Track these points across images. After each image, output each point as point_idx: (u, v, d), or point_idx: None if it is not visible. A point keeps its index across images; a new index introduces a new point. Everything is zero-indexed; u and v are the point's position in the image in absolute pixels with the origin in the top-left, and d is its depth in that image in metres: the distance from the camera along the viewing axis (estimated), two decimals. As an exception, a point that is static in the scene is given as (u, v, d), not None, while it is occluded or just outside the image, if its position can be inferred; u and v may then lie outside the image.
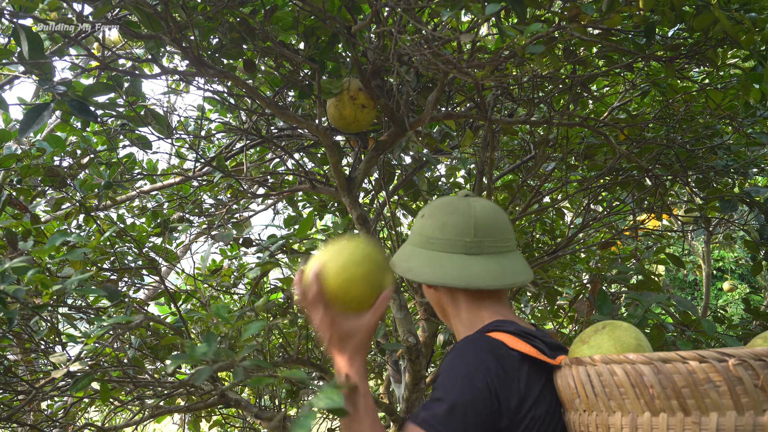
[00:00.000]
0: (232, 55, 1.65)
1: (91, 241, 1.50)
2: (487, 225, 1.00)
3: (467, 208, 1.01)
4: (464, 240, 0.98)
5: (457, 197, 1.05)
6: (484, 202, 1.05)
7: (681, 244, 5.25)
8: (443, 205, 1.03)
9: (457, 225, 0.99)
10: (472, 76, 1.15)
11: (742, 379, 0.70)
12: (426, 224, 1.02)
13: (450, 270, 0.97)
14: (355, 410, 0.86)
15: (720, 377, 0.71)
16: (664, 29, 1.67)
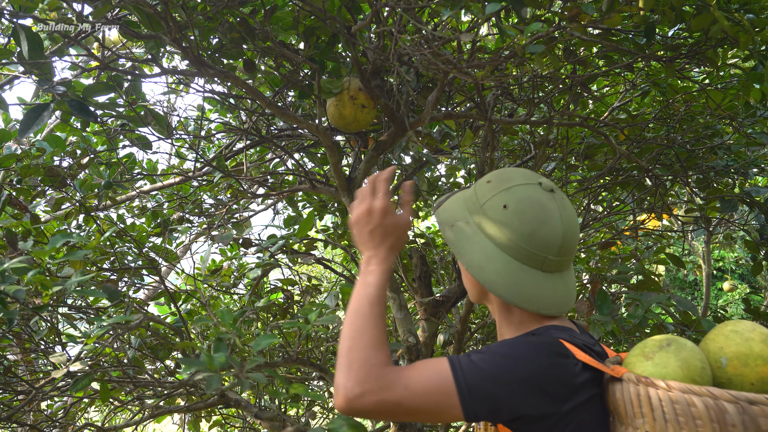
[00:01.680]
0: (232, 55, 1.65)
1: (91, 241, 1.50)
2: (570, 240, 0.92)
3: (558, 215, 0.90)
4: (547, 257, 0.90)
5: (545, 193, 0.92)
6: (568, 205, 0.94)
7: (681, 244, 5.25)
8: (535, 204, 0.90)
9: (547, 239, 0.89)
10: (472, 76, 1.15)
11: None
12: (513, 221, 0.89)
13: (525, 290, 0.90)
14: (370, 309, 0.89)
15: None
16: (664, 29, 1.67)
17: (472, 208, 0.94)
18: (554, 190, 0.93)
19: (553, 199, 0.91)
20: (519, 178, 0.93)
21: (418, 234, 3.03)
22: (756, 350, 0.79)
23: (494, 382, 0.81)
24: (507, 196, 0.91)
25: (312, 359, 1.95)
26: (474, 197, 0.95)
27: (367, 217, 0.95)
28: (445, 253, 2.77)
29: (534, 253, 0.89)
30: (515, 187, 0.92)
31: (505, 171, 0.97)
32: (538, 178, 0.94)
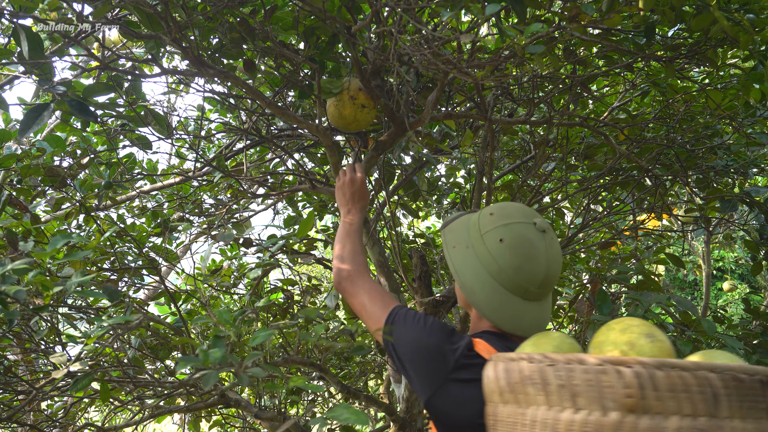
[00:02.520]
0: (232, 55, 1.65)
1: (91, 242, 1.50)
2: (551, 276, 1.07)
3: (545, 254, 1.06)
4: (529, 288, 1.06)
5: (539, 233, 1.07)
6: (555, 244, 1.10)
7: (681, 244, 5.25)
8: (526, 242, 1.05)
9: (531, 273, 1.05)
10: (472, 76, 1.15)
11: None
12: (505, 254, 1.05)
13: (505, 313, 1.06)
14: (351, 230, 1.35)
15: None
16: (664, 29, 1.67)
17: (474, 235, 1.11)
18: (546, 231, 1.08)
19: (543, 239, 1.07)
20: (518, 216, 1.09)
21: (418, 234, 3.03)
22: (611, 338, 0.86)
23: (405, 332, 1.09)
24: (504, 231, 1.07)
25: (312, 359, 1.95)
26: (477, 225, 1.11)
27: (350, 184, 1.43)
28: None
29: (519, 284, 1.05)
30: (513, 224, 1.07)
31: (507, 206, 1.13)
32: (534, 218, 1.09)
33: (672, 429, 0.72)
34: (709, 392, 0.73)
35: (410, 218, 3.30)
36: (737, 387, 0.73)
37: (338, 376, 2.72)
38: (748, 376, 0.74)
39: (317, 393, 2.91)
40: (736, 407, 0.73)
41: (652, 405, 0.73)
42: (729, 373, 0.73)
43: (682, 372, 0.73)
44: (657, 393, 0.73)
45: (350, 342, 2.62)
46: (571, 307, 2.58)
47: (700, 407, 0.73)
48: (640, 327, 0.86)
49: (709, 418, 0.73)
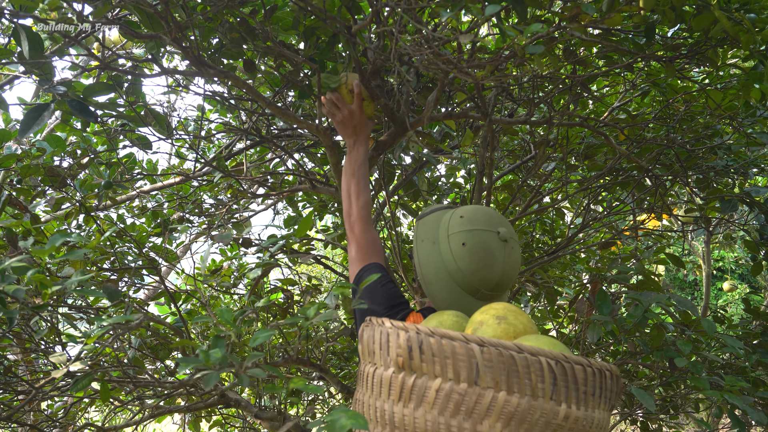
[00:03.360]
0: (232, 55, 1.64)
1: (91, 241, 1.50)
2: (505, 282, 1.17)
3: (502, 262, 1.15)
4: (482, 290, 1.15)
5: (500, 242, 1.16)
6: (515, 253, 1.19)
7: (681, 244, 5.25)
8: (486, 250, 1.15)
9: (486, 277, 1.15)
10: (472, 76, 1.15)
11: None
12: (465, 257, 1.14)
13: (455, 308, 1.15)
14: (357, 167, 1.42)
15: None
16: (664, 29, 1.67)
17: (442, 234, 1.19)
18: (508, 240, 1.17)
19: (503, 248, 1.16)
20: (484, 224, 1.17)
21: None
22: (474, 317, 0.98)
23: (362, 291, 1.24)
24: (468, 236, 1.16)
25: (312, 359, 1.95)
26: (447, 225, 1.20)
27: (350, 117, 1.48)
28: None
29: (473, 285, 1.15)
30: (477, 231, 1.16)
31: (477, 212, 1.21)
32: (500, 227, 1.18)
33: (434, 389, 0.81)
34: (473, 362, 0.80)
35: (410, 218, 3.30)
36: (503, 362, 0.80)
37: (338, 376, 2.72)
38: (519, 355, 0.80)
39: (317, 393, 2.91)
40: (501, 380, 0.80)
41: (418, 366, 0.83)
42: (497, 348, 0.80)
43: (450, 341, 0.82)
44: (423, 356, 0.83)
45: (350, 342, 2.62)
46: (571, 307, 2.58)
47: (462, 374, 0.81)
48: (498, 310, 0.97)
49: (470, 385, 0.80)
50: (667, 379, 1.86)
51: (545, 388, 0.79)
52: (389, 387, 0.86)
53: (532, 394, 0.79)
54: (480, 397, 0.79)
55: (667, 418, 2.36)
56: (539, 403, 0.79)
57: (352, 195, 1.41)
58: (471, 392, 0.80)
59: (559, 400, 0.80)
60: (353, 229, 1.37)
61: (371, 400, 0.88)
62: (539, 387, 0.79)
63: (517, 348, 0.80)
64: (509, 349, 0.80)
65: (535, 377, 0.79)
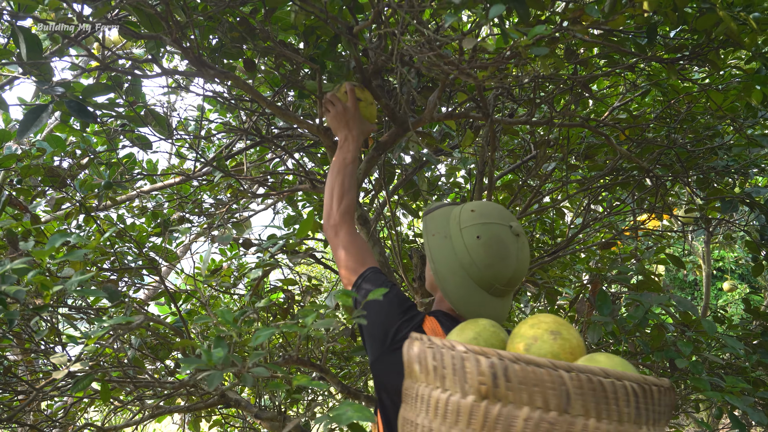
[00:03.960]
0: (232, 55, 1.64)
1: (91, 242, 1.49)
2: (517, 277, 1.15)
3: (515, 256, 1.14)
4: (495, 285, 1.14)
5: (513, 236, 1.14)
6: (526, 249, 1.17)
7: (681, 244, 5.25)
8: (500, 243, 1.12)
9: (500, 271, 1.13)
10: (473, 76, 1.15)
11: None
12: (479, 251, 1.12)
13: (470, 304, 1.14)
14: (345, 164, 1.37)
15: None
16: (665, 30, 1.67)
17: (454, 228, 1.17)
18: (519, 235, 1.16)
19: (516, 243, 1.15)
20: (496, 217, 1.16)
21: (418, 234, 3.03)
22: (521, 331, 0.93)
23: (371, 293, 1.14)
24: (482, 229, 1.14)
25: (312, 359, 1.95)
26: (458, 219, 1.17)
27: (344, 112, 1.44)
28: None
29: (487, 280, 1.13)
30: (491, 224, 1.14)
31: (488, 206, 1.19)
32: (511, 221, 1.16)
33: (522, 419, 0.78)
34: (563, 390, 0.77)
35: (410, 218, 3.30)
36: (593, 389, 0.77)
37: (338, 376, 2.72)
38: (606, 380, 0.78)
39: (317, 392, 2.91)
40: (591, 407, 0.77)
41: (504, 394, 0.79)
42: (586, 375, 0.78)
43: (536, 368, 0.78)
44: (509, 384, 0.79)
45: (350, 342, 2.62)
46: (572, 307, 2.57)
47: (552, 402, 0.77)
48: (549, 324, 0.92)
49: (560, 414, 0.77)
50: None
51: (630, 412, 0.78)
52: (469, 416, 0.81)
53: (619, 420, 0.78)
54: (571, 426, 0.77)
55: (667, 419, 2.35)
56: (624, 428, 0.78)
57: (334, 195, 1.34)
58: (562, 421, 0.77)
59: (640, 423, 0.79)
60: (337, 234, 1.31)
61: (443, 427, 0.84)
62: (625, 412, 0.78)
63: (603, 373, 0.78)
64: (597, 375, 0.78)
65: (622, 402, 0.78)
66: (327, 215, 1.35)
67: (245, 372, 0.78)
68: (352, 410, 0.73)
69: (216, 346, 0.83)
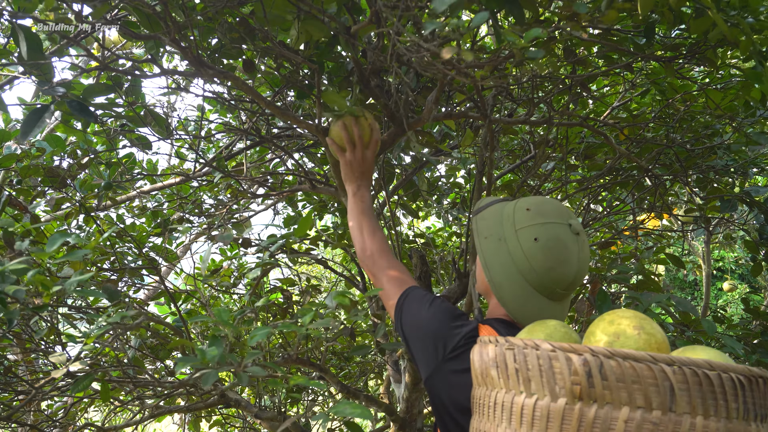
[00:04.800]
0: (232, 55, 1.64)
1: (91, 242, 1.50)
2: (579, 279, 1.06)
3: (576, 257, 1.05)
4: (556, 290, 1.05)
5: (573, 235, 1.05)
6: (586, 247, 1.08)
7: (681, 244, 5.25)
8: (560, 245, 1.04)
9: (562, 276, 1.04)
10: (471, 76, 1.15)
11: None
12: (538, 255, 1.04)
13: (528, 311, 1.06)
14: (364, 207, 1.36)
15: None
16: (663, 29, 1.67)
17: (508, 229, 1.08)
18: (580, 233, 1.06)
19: (577, 242, 1.05)
20: (554, 216, 1.06)
21: (418, 234, 3.04)
22: (600, 327, 0.86)
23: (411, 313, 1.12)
24: (540, 230, 1.04)
25: (312, 359, 1.95)
26: (512, 219, 1.08)
27: (362, 162, 1.40)
28: (445, 253, 2.77)
29: (547, 285, 1.04)
30: (549, 224, 1.05)
31: (544, 203, 1.09)
32: (570, 219, 1.07)
33: (622, 420, 0.71)
34: (666, 386, 0.71)
35: (410, 218, 3.30)
36: (698, 383, 0.71)
37: (338, 376, 2.72)
38: (712, 373, 0.71)
39: (317, 392, 2.91)
40: (698, 403, 0.71)
41: (600, 394, 0.72)
42: (690, 368, 0.71)
43: (635, 363, 0.72)
44: (605, 382, 0.72)
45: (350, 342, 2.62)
46: (572, 306, 2.58)
47: (655, 400, 0.71)
48: (630, 319, 0.85)
49: (664, 413, 0.70)
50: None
51: (738, 407, 0.72)
52: (561, 420, 0.74)
53: (728, 416, 0.71)
54: (677, 425, 0.70)
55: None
56: (734, 425, 0.71)
57: (365, 232, 1.32)
58: (666, 420, 0.70)
59: (749, 420, 0.73)
60: (376, 265, 1.27)
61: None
62: (733, 407, 0.71)
63: (708, 365, 0.71)
64: (702, 367, 0.71)
65: (730, 396, 0.71)
66: (362, 251, 1.31)
67: (241, 371, 0.78)
68: (350, 407, 0.74)
69: (211, 345, 0.84)
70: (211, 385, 0.73)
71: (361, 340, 3.04)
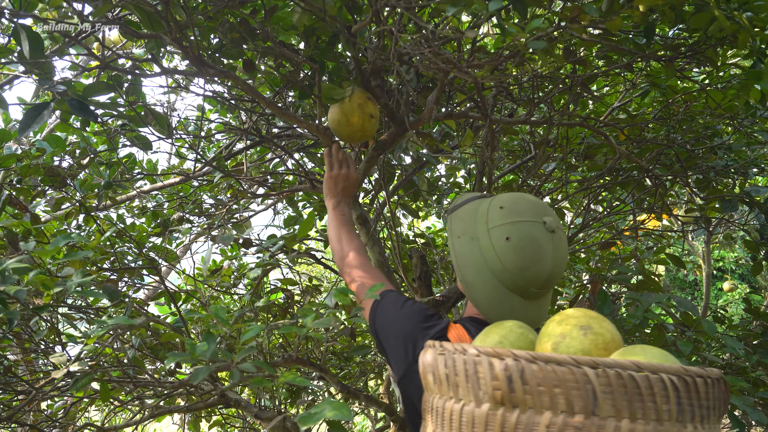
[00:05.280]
0: (232, 55, 1.64)
1: (91, 242, 1.50)
2: (554, 277, 1.04)
3: (551, 256, 1.02)
4: (530, 289, 1.03)
5: (548, 233, 1.03)
6: (563, 245, 1.05)
7: (681, 244, 5.25)
8: (534, 244, 1.01)
9: (535, 275, 1.02)
10: (472, 75, 1.15)
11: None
12: (510, 254, 1.02)
13: (502, 310, 1.05)
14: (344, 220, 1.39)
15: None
16: (664, 29, 1.67)
17: (481, 228, 1.06)
18: (555, 231, 1.04)
19: (551, 240, 1.03)
20: (528, 214, 1.04)
21: (418, 234, 3.03)
22: (549, 329, 0.85)
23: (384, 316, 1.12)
24: (512, 229, 1.02)
25: (312, 359, 1.95)
26: (485, 217, 1.06)
27: (345, 179, 1.47)
28: (445, 254, 2.77)
29: (520, 285, 1.02)
30: (522, 223, 1.03)
31: (519, 200, 1.07)
32: (545, 216, 1.04)
33: (544, 425, 0.70)
34: (589, 389, 0.69)
35: (410, 218, 3.30)
36: (623, 385, 0.69)
37: (338, 376, 2.72)
38: (639, 374, 0.69)
39: (317, 393, 2.91)
40: (623, 406, 0.69)
41: (521, 398, 0.72)
42: (615, 370, 0.69)
43: (557, 366, 0.71)
44: (526, 387, 0.71)
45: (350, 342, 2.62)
46: (571, 307, 2.57)
47: (577, 404, 0.70)
48: (578, 319, 0.84)
49: (587, 416, 0.69)
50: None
51: (671, 409, 0.69)
52: (485, 426, 0.73)
53: (658, 419, 0.69)
54: (600, 428, 0.69)
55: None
56: (665, 427, 0.69)
57: (343, 241, 1.35)
58: (589, 424, 0.69)
59: (684, 421, 0.70)
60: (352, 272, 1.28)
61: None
62: (664, 409, 0.69)
63: (635, 367, 0.70)
64: (627, 369, 0.69)
65: (660, 398, 0.69)
66: (340, 258, 1.34)
67: (234, 368, 0.78)
68: (330, 408, 0.73)
69: (205, 341, 0.83)
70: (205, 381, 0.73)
71: (361, 340, 3.04)
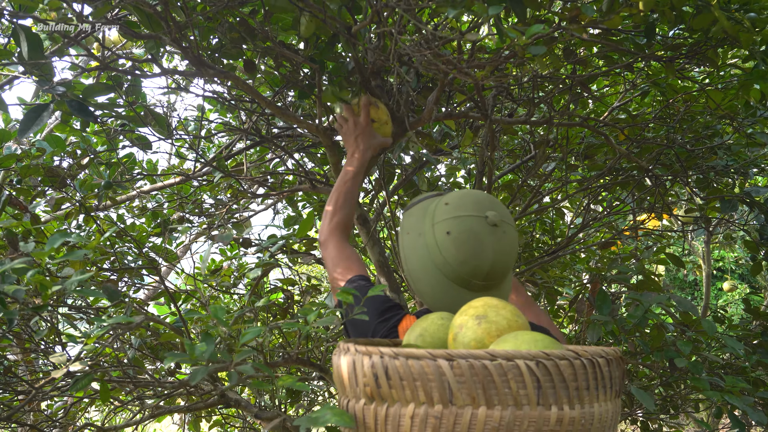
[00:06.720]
0: (232, 55, 1.64)
1: (91, 242, 1.50)
2: (498, 270, 1.07)
3: (491, 249, 1.05)
4: (474, 281, 1.07)
5: (489, 227, 1.06)
6: (507, 238, 1.08)
7: (681, 244, 5.25)
8: (473, 237, 1.05)
9: (475, 267, 1.06)
10: (472, 76, 1.15)
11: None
12: (450, 248, 1.06)
13: (447, 303, 1.08)
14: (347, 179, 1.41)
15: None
16: (664, 29, 1.67)
17: (427, 224, 1.11)
18: (498, 225, 1.07)
19: (493, 234, 1.06)
20: (471, 209, 1.08)
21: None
22: (454, 320, 0.90)
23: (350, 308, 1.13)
24: (453, 224, 1.07)
25: (312, 359, 1.95)
26: (432, 214, 1.11)
27: (353, 128, 1.49)
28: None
29: (462, 277, 1.06)
30: (463, 217, 1.07)
31: (464, 197, 1.12)
32: (488, 210, 1.08)
33: (408, 416, 0.75)
34: (444, 380, 0.73)
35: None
36: (475, 374, 0.73)
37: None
38: (492, 363, 0.72)
39: (318, 393, 2.91)
40: (478, 394, 0.73)
41: (387, 393, 0.77)
42: (467, 361, 0.73)
43: (415, 361, 0.75)
44: (390, 381, 0.76)
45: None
46: (571, 307, 2.58)
47: (435, 395, 0.74)
48: (477, 309, 0.88)
49: (445, 406, 0.74)
50: (667, 379, 1.86)
51: (529, 393, 0.72)
52: (363, 420, 0.79)
53: (516, 404, 0.72)
54: (458, 417, 0.73)
55: (667, 418, 2.36)
56: (525, 411, 0.72)
57: (328, 212, 1.38)
58: (447, 413, 0.73)
59: (547, 404, 0.73)
60: (326, 246, 1.33)
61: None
62: (521, 394, 0.72)
63: (489, 356, 0.73)
64: (481, 359, 0.73)
65: (516, 384, 0.72)
66: (321, 228, 1.38)
67: (232, 369, 0.78)
68: (331, 414, 0.74)
69: (203, 341, 0.83)
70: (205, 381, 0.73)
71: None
